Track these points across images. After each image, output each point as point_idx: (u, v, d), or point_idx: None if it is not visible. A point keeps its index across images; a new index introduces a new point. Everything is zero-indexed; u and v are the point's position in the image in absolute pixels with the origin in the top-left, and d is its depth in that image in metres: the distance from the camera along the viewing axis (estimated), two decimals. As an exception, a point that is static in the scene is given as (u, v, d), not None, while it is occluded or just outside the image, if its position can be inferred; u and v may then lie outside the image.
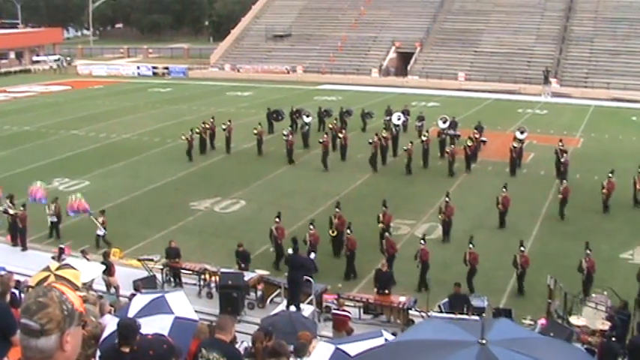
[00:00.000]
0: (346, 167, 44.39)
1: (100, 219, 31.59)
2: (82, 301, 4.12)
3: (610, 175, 36.15)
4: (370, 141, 43.55)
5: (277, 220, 29.41)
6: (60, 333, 3.82)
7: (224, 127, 48.06)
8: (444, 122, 48.97)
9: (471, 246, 26.86)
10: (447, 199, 32.31)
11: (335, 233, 29.96)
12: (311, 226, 29.08)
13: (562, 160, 40.89)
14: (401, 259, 28.34)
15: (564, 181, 35.76)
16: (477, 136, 45.71)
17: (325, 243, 29.75)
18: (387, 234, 28.51)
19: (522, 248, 26.83)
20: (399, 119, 51.38)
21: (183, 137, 46.59)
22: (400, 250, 28.99)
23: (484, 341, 4.96)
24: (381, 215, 30.53)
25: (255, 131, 47.39)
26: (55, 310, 3.81)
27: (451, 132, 49.09)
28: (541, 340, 6.15)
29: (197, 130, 47.94)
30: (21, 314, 3.86)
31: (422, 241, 27.69)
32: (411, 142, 43.55)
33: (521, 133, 45.83)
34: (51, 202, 32.53)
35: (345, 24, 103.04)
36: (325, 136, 45.81)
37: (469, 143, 43.71)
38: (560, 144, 42.13)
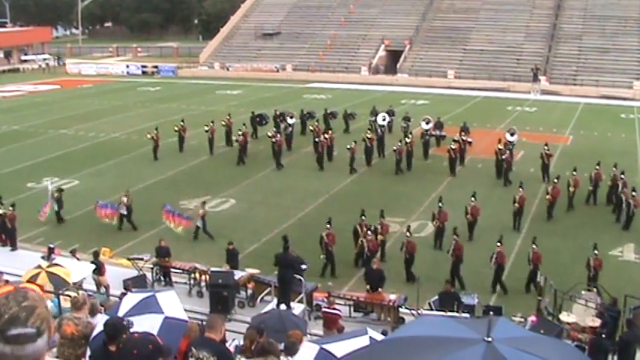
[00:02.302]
0: (334, 167, 44.23)
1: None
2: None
3: (574, 172, 36.24)
4: (348, 147, 43.10)
5: (328, 226, 28.66)
6: (49, 331, 3.79)
7: (206, 128, 47.84)
8: (427, 123, 48.50)
9: (498, 244, 26.95)
10: (440, 204, 31.63)
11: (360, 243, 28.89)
12: (328, 225, 28.68)
13: (546, 162, 40.84)
14: (391, 257, 28.40)
15: (555, 181, 35.49)
16: (463, 137, 45.35)
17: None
18: (407, 234, 28.07)
19: (534, 245, 26.77)
20: (384, 120, 51.00)
21: (148, 135, 46.47)
22: (390, 247, 29.04)
23: (490, 339, 4.94)
24: (379, 227, 29.51)
25: (240, 132, 46.36)
26: (42, 308, 3.77)
27: (436, 132, 48.88)
28: (543, 340, 6.16)
29: (175, 129, 48.17)
30: (6, 326, 3.66)
31: (407, 234, 27.84)
32: (400, 142, 43.48)
33: (512, 135, 45.09)
34: (124, 195, 33.41)
35: (335, 22, 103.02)
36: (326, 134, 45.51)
37: (453, 146, 43.27)
38: (546, 148, 41.91)
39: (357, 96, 74.05)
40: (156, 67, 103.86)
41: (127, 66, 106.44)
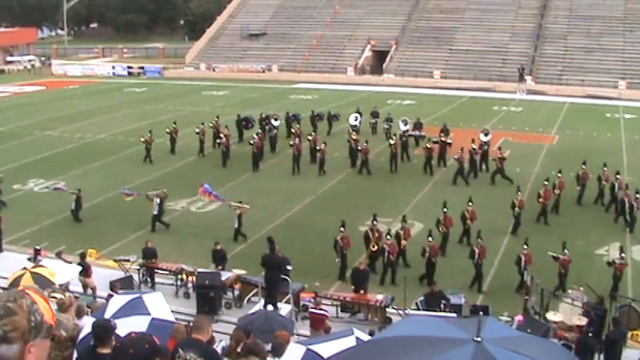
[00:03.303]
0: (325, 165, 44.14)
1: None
2: (53, 314, 3.94)
3: (559, 174, 36.17)
4: (318, 148, 42.98)
5: (342, 229, 28.17)
6: (23, 343, 3.66)
7: (197, 130, 47.69)
8: (405, 124, 48.30)
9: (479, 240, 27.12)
10: (444, 209, 30.62)
11: (376, 248, 28.34)
12: (342, 228, 28.25)
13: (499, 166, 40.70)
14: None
15: (545, 183, 34.98)
16: (442, 138, 45.21)
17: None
18: (429, 239, 27.50)
19: (525, 246, 26.82)
20: (355, 120, 50.89)
21: (142, 139, 46.19)
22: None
23: (479, 339, 4.94)
24: (401, 231, 28.94)
25: (222, 135, 46.34)
26: (22, 319, 3.66)
27: (415, 133, 48.68)
28: (532, 339, 6.16)
29: (167, 131, 47.92)
30: None
31: (430, 238, 27.45)
32: (392, 141, 43.54)
33: (485, 135, 44.73)
34: (155, 196, 33.35)
35: (321, 22, 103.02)
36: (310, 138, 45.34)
37: (428, 145, 43.26)
38: (500, 153, 41.76)
39: (343, 96, 74.08)
40: (142, 67, 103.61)
41: (113, 67, 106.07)
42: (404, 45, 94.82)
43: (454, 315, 20.89)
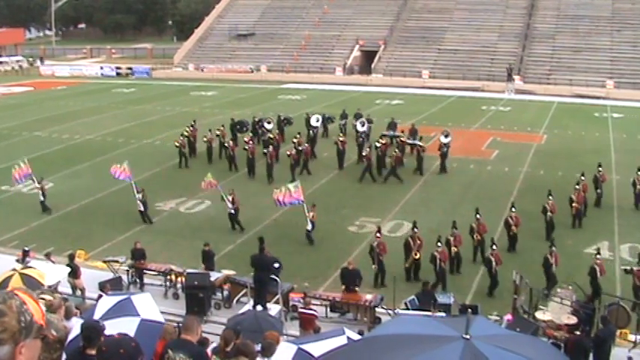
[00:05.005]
0: (312, 165, 43.97)
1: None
2: (43, 314, 3.95)
3: (550, 197, 32.87)
4: (288, 153, 42.29)
5: (378, 235, 27.63)
6: (14, 344, 3.67)
7: (186, 133, 47.46)
8: (362, 125, 48.01)
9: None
10: (477, 215, 29.38)
11: (418, 256, 27.52)
12: (378, 234, 27.78)
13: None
14: (367, 256, 28.42)
15: (550, 197, 32.54)
16: (418, 142, 44.78)
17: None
18: (438, 244, 26.88)
19: (494, 246, 26.77)
20: (317, 121, 50.73)
21: (176, 143, 45.54)
22: (366, 247, 29.07)
23: (468, 336, 4.96)
24: (451, 238, 28.00)
25: (205, 139, 45.92)
26: (12, 320, 3.67)
27: (389, 133, 48.06)
28: (520, 337, 6.21)
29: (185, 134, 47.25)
30: None
31: (438, 244, 26.92)
32: (382, 141, 43.53)
33: (445, 137, 43.92)
34: (229, 194, 33.50)
35: (309, 23, 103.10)
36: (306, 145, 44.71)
37: (377, 144, 42.98)
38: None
39: (331, 96, 74.15)
40: (130, 68, 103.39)
41: (101, 67, 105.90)
42: (392, 45, 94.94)
43: (443, 314, 20.91)
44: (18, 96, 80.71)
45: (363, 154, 42.45)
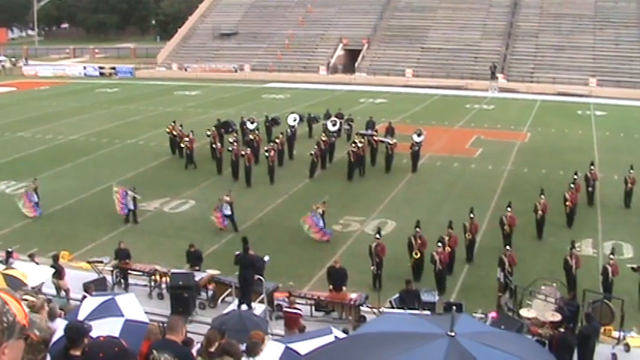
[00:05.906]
0: (292, 167, 43.86)
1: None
2: (26, 314, 3.93)
3: (542, 196, 32.86)
4: (267, 155, 41.72)
5: (378, 236, 27.51)
6: None
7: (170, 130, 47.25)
8: (334, 125, 48.40)
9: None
10: (471, 215, 29.50)
11: (418, 255, 27.41)
12: (377, 236, 27.66)
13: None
14: (352, 255, 28.46)
15: (542, 197, 32.67)
16: (375, 138, 45.02)
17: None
18: (438, 244, 26.70)
19: (508, 247, 26.78)
20: (294, 120, 50.62)
21: (183, 144, 45.31)
22: (351, 246, 29.10)
23: (453, 333, 4.97)
24: (446, 238, 27.65)
25: (187, 140, 45.12)
26: None
27: (367, 132, 47.37)
28: (505, 334, 6.21)
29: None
30: None
31: (439, 244, 26.78)
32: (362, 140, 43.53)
33: (418, 135, 44.16)
34: (226, 195, 33.24)
35: (292, 22, 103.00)
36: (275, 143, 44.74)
37: (359, 144, 42.68)
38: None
39: (315, 95, 74.21)
40: (113, 68, 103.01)
41: (85, 67, 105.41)
42: (376, 44, 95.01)
43: (428, 312, 20.94)
44: (1, 96, 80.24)
45: (346, 152, 42.37)
